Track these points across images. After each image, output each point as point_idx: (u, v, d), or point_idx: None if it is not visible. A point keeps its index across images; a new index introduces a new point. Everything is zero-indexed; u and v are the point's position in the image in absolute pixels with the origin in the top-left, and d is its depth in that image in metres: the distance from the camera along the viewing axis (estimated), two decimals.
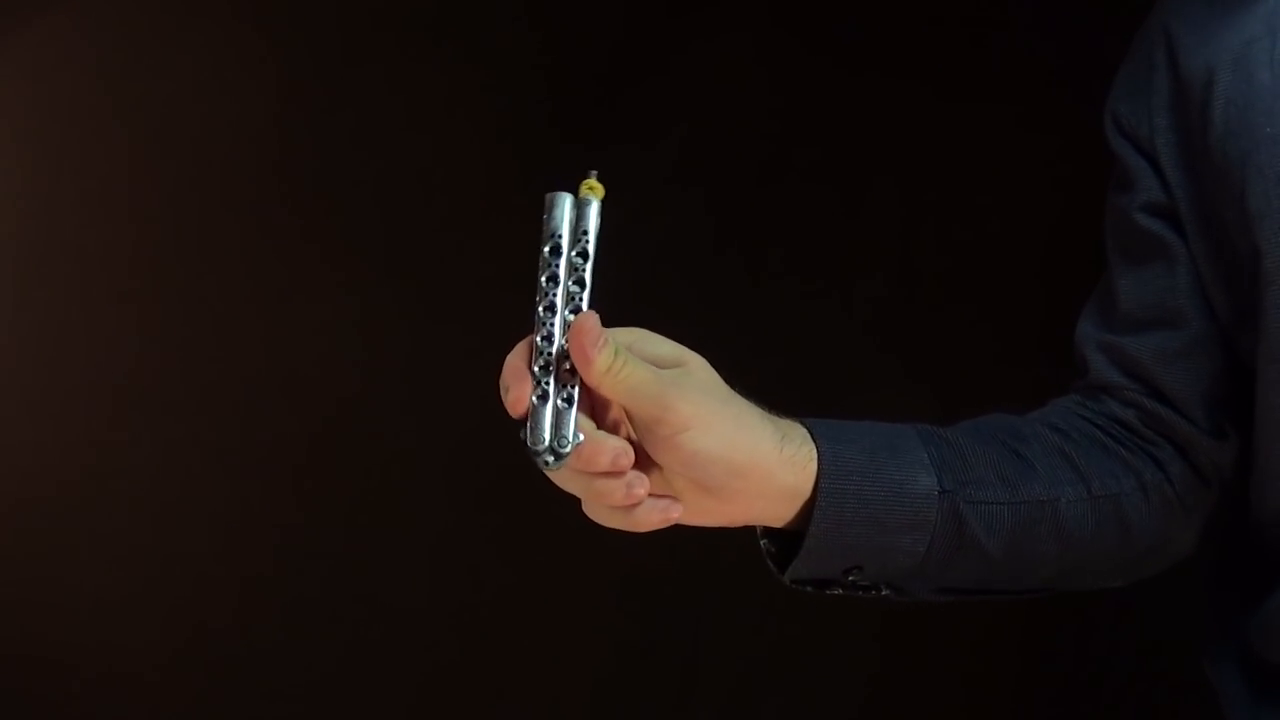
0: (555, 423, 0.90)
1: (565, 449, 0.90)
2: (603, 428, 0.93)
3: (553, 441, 0.90)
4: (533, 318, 0.92)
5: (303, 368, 2.38)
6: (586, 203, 0.92)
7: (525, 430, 0.90)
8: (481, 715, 2.41)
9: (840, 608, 1.23)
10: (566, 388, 0.91)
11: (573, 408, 0.91)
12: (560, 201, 0.92)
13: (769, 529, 1.03)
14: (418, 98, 2.37)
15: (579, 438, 0.90)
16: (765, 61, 2.36)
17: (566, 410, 0.91)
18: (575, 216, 0.92)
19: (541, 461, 0.90)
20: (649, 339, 0.95)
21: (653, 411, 0.92)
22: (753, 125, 2.37)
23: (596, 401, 0.93)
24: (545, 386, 0.90)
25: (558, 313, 0.91)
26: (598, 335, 0.90)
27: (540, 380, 0.91)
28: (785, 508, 0.99)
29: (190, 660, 2.39)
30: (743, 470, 0.95)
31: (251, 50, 2.35)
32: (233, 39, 2.35)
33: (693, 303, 2.29)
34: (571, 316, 0.91)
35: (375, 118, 2.38)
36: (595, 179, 0.93)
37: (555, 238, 0.92)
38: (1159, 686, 2.27)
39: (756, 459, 0.96)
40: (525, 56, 2.37)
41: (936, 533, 1.02)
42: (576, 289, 0.92)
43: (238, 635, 2.39)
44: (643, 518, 0.94)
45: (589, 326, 0.90)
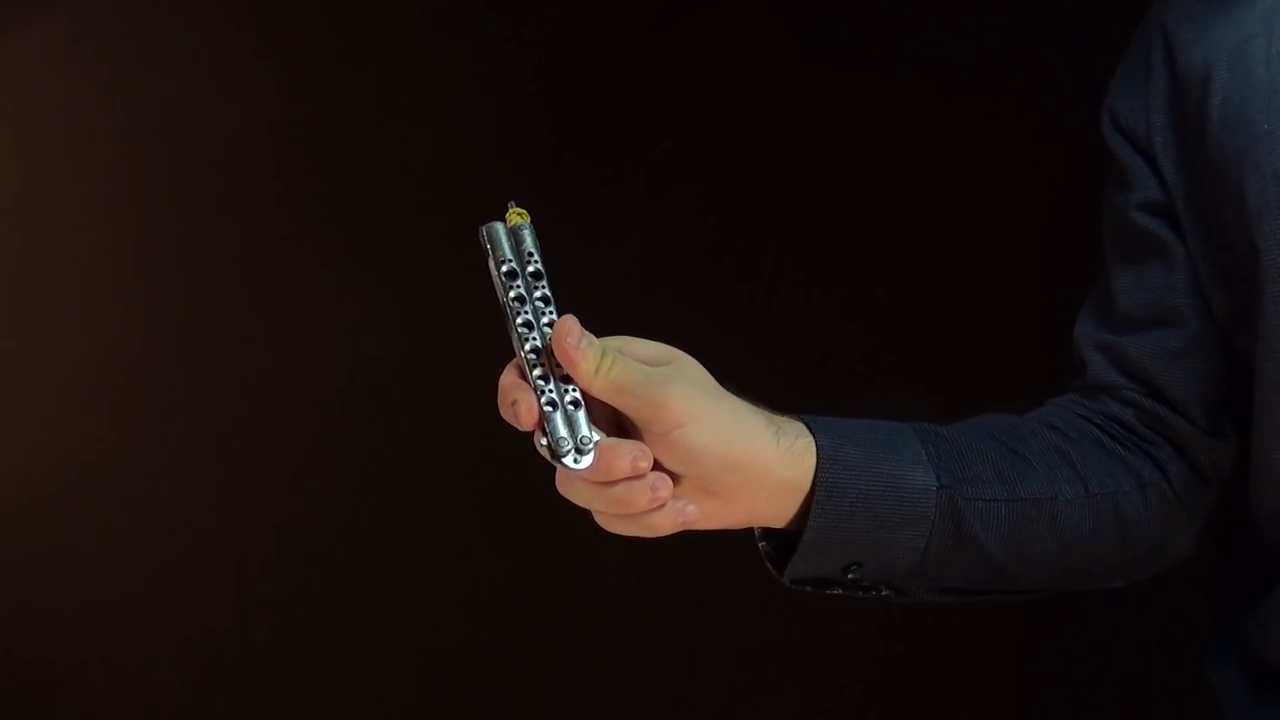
0: (570, 424, 0.91)
1: (588, 446, 0.91)
2: None
3: (575, 441, 0.91)
4: (511, 339, 0.93)
5: (302, 368, 2.38)
6: (521, 228, 0.95)
7: (542, 437, 0.91)
8: (481, 715, 2.41)
9: (840, 608, 1.23)
10: (570, 391, 0.92)
11: (580, 409, 0.92)
12: (496, 230, 0.95)
13: (768, 531, 1.03)
14: (418, 98, 2.37)
15: (596, 435, 0.91)
16: (764, 63, 2.36)
17: (576, 411, 0.92)
18: (514, 243, 0.94)
19: (570, 460, 0.91)
20: (636, 341, 0.96)
21: (646, 409, 0.92)
22: (751, 127, 2.37)
23: (594, 415, 0.93)
24: (550, 394, 0.91)
25: (536, 326, 0.93)
26: (579, 335, 0.91)
27: (543, 389, 0.91)
28: (785, 504, 0.99)
29: (190, 660, 2.39)
30: (741, 464, 0.95)
31: (251, 52, 2.35)
32: (232, 40, 2.35)
33: (692, 306, 2.29)
34: (549, 329, 0.92)
35: (374, 119, 2.38)
36: (517, 206, 0.96)
37: (507, 262, 0.94)
38: (1159, 686, 2.27)
39: (753, 453, 0.96)
40: (524, 58, 2.37)
41: (935, 529, 1.02)
42: (543, 304, 0.93)
43: (238, 635, 2.39)
44: (661, 521, 0.93)
45: (569, 328, 0.91)
